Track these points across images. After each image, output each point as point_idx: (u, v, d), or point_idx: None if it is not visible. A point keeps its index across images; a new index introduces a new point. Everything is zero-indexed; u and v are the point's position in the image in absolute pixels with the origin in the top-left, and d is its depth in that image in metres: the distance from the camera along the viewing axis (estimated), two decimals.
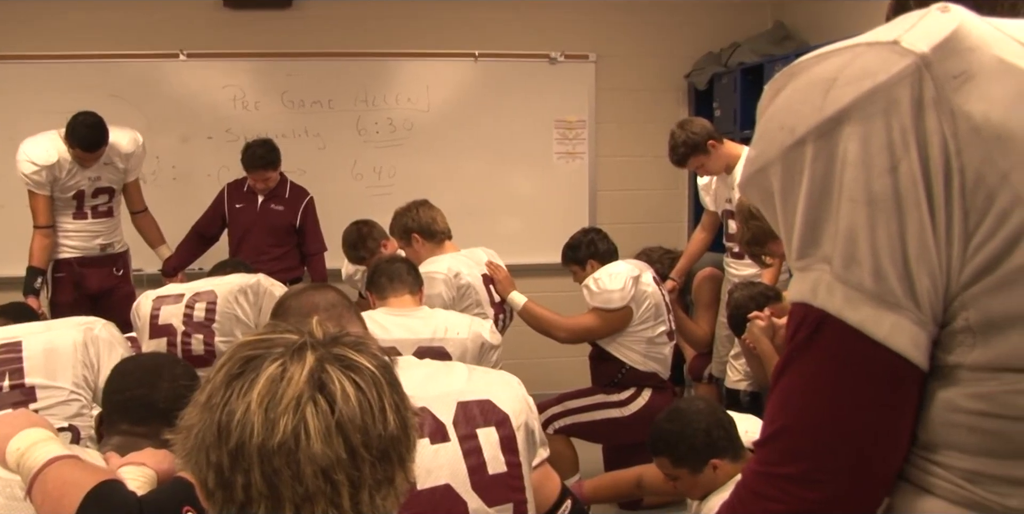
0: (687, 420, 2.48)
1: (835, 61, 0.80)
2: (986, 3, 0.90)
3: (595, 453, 3.99)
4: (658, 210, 5.97)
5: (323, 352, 1.00)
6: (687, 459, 2.47)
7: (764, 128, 0.85)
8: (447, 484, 1.69)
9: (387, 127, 5.60)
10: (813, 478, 0.81)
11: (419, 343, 2.92)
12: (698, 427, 2.45)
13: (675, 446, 2.48)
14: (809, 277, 0.81)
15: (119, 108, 5.10)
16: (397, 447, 1.00)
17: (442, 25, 5.65)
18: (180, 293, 3.44)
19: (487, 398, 1.81)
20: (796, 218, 0.81)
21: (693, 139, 4.07)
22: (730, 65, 5.55)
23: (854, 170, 0.77)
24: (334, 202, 5.17)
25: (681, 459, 2.48)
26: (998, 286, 0.74)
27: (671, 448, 2.49)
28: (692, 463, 2.46)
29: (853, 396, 0.79)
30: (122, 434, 1.86)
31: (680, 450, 2.47)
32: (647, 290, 3.69)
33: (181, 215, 4.99)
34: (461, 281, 3.64)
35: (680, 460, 2.48)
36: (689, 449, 2.45)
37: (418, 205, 3.92)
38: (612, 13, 5.83)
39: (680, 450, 2.47)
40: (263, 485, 0.93)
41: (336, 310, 1.85)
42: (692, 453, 2.45)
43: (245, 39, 5.44)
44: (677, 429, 2.48)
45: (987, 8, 0.89)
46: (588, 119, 5.83)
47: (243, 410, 0.94)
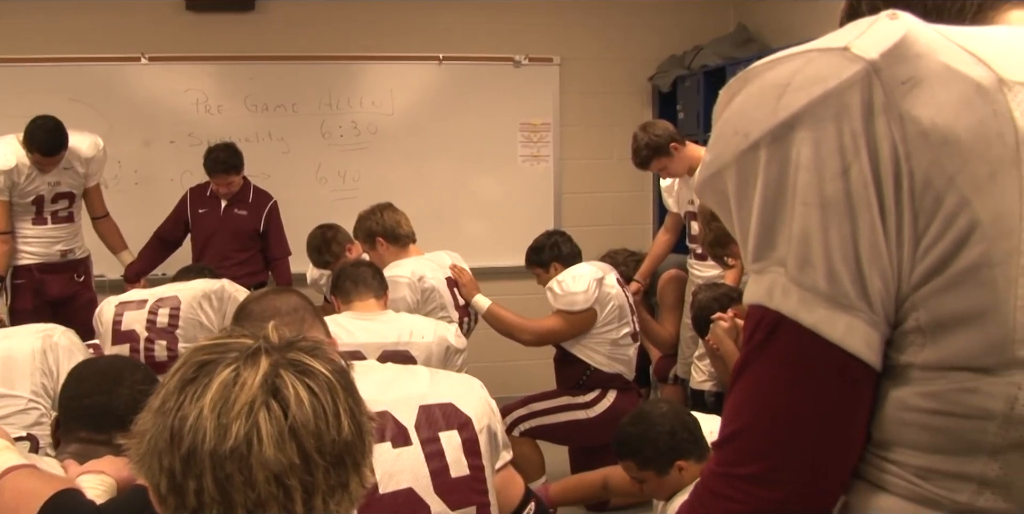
0: (651, 423, 2.49)
1: (788, 66, 0.81)
2: (934, 8, 0.92)
3: (561, 455, 4.00)
4: (623, 212, 6.00)
5: (278, 357, 0.99)
6: (652, 462, 2.48)
7: (719, 132, 0.86)
8: (409, 488, 1.69)
9: (351, 131, 5.59)
10: (770, 478, 0.82)
11: (384, 347, 2.92)
12: (662, 430, 2.46)
13: (640, 449, 2.49)
14: (765, 279, 0.82)
15: (80, 112, 5.05)
16: (352, 452, 1.00)
17: (406, 28, 5.64)
18: (143, 299, 3.42)
19: (449, 401, 1.81)
20: (751, 221, 0.82)
21: (656, 141, 4.09)
22: (693, 68, 5.58)
23: (807, 174, 0.78)
24: (298, 206, 5.15)
25: (647, 462, 2.49)
26: (946, 287, 0.76)
27: (636, 451, 2.51)
28: (658, 465, 2.48)
29: (808, 396, 0.81)
30: (80, 441, 1.83)
31: (645, 453, 2.48)
32: (611, 292, 3.71)
33: (143, 220, 4.94)
34: (425, 284, 3.64)
35: (646, 463, 2.50)
36: (654, 452, 2.47)
37: (382, 208, 3.92)
38: (576, 16, 5.85)
39: (645, 453, 2.48)
40: (215, 490, 0.93)
41: (298, 314, 1.85)
42: (657, 456, 2.47)
43: (208, 42, 5.41)
44: (641, 432, 2.50)
45: (935, 13, 0.91)
46: (553, 122, 5.85)
47: (195, 415, 0.94)
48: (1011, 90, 0.75)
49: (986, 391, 0.75)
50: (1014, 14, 0.91)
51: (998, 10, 0.91)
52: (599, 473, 3.15)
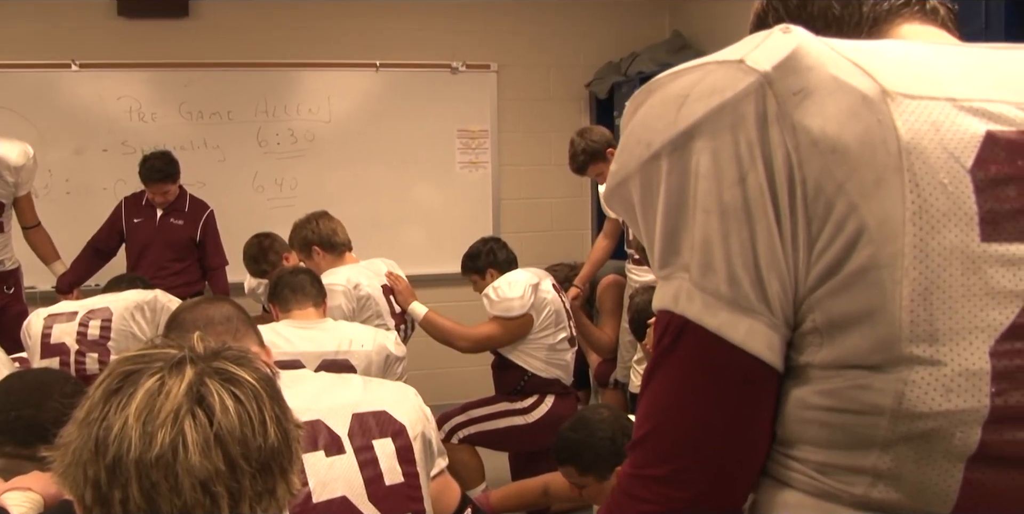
0: (592, 429, 2.50)
1: (688, 78, 0.84)
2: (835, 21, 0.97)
3: (501, 461, 4.00)
4: (562, 218, 6.04)
5: (203, 366, 1.00)
6: (593, 467, 2.49)
7: (624, 142, 0.89)
8: (343, 496, 1.69)
9: (288, 138, 5.55)
10: (680, 478, 0.85)
11: (324, 356, 2.90)
12: (603, 435, 2.47)
13: (581, 455, 2.50)
14: (671, 285, 0.84)
15: (9, 120, 4.97)
16: (278, 459, 1.01)
17: (343, 35, 5.62)
18: (73, 311, 3.36)
19: (383, 409, 1.81)
20: (656, 229, 0.85)
21: (592, 147, 4.13)
22: (629, 74, 5.63)
23: (706, 182, 0.81)
24: (235, 215, 5.10)
25: (587, 467, 2.50)
26: (839, 289, 0.79)
27: (577, 457, 2.51)
28: (598, 471, 2.49)
29: (713, 398, 0.83)
30: (6, 456, 1.80)
31: (586, 459, 2.49)
32: (546, 297, 3.73)
33: (76, 230, 4.86)
34: (361, 292, 3.63)
35: (586, 468, 2.51)
36: (595, 458, 2.48)
37: (317, 217, 3.90)
38: (513, 23, 5.88)
39: (586, 459, 2.49)
40: (141, 499, 0.93)
41: (232, 324, 1.84)
42: (598, 461, 2.48)
43: (140, 49, 5.33)
44: (582, 438, 2.51)
45: (835, 26, 0.95)
46: (491, 128, 5.87)
47: (121, 424, 0.94)
48: (894, 101, 0.79)
49: (877, 387, 0.78)
50: (905, 28, 0.96)
51: (892, 23, 0.96)
52: (539, 480, 3.16)
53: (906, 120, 0.78)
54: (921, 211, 0.77)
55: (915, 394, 0.77)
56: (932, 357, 0.77)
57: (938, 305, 0.77)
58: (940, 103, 0.80)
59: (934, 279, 0.77)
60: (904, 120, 0.78)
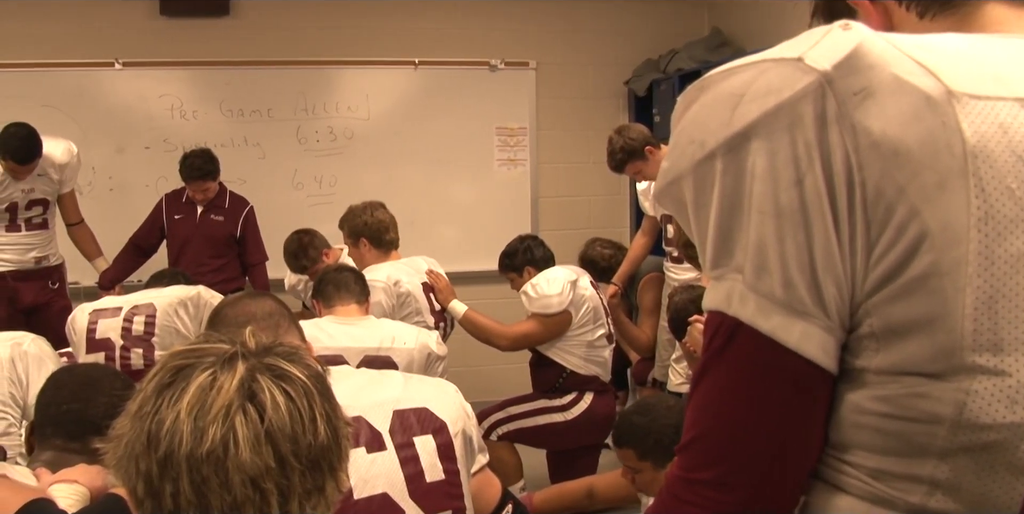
0: (657, 414, 2.48)
1: (742, 76, 0.82)
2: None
3: (539, 459, 4.00)
4: (600, 216, 6.02)
5: (254, 362, 1.00)
6: (652, 454, 2.47)
7: (676, 141, 0.87)
8: (384, 493, 1.69)
9: (327, 136, 5.58)
10: (727, 482, 0.83)
11: (365, 352, 2.91)
12: (668, 423, 2.45)
13: (642, 439, 2.48)
14: (723, 286, 0.83)
15: (54, 118, 5.02)
16: (328, 456, 1.01)
17: (382, 33, 5.64)
18: (118, 306, 3.39)
19: (424, 406, 1.81)
20: (709, 229, 0.84)
21: (631, 145, 4.10)
22: (668, 71, 5.61)
23: (762, 184, 0.79)
24: (275, 212, 5.14)
25: (646, 453, 2.48)
26: (898, 295, 0.77)
27: (638, 441, 2.49)
28: (656, 458, 2.47)
29: (765, 401, 0.82)
30: (55, 449, 1.83)
31: (646, 444, 2.47)
32: (584, 294, 3.72)
33: (118, 227, 4.92)
34: (401, 289, 3.63)
35: (645, 454, 2.48)
36: (655, 444, 2.45)
37: (374, 208, 3.88)
38: (552, 21, 5.87)
39: (646, 444, 2.47)
40: (191, 493, 0.94)
41: (273, 319, 1.84)
42: (658, 448, 2.45)
43: (182, 47, 5.38)
44: (646, 423, 2.48)
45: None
46: (529, 126, 5.87)
47: (172, 419, 0.95)
48: (959, 102, 0.76)
49: (936, 396, 0.77)
50: (990, 8, 0.90)
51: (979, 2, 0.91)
52: (583, 481, 3.14)
53: (972, 122, 0.76)
54: (987, 217, 0.75)
55: (977, 405, 0.75)
56: (996, 367, 0.75)
57: (1004, 314, 0.75)
58: (1009, 104, 0.77)
59: (999, 287, 0.75)
60: (970, 122, 0.76)
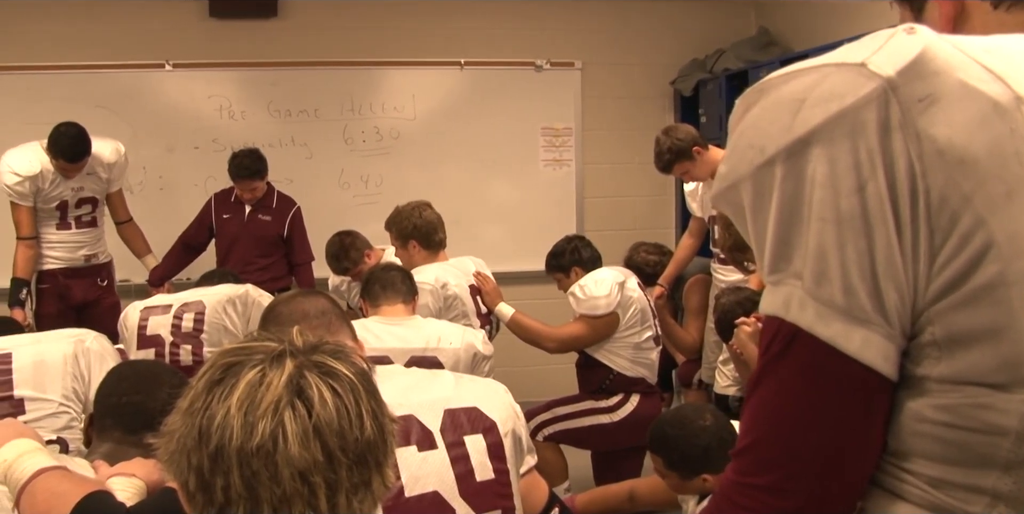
0: (690, 431, 2.46)
1: (804, 81, 0.81)
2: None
3: (584, 460, 3.99)
4: (646, 217, 5.99)
5: (302, 359, 1.01)
6: (679, 467, 2.47)
7: (734, 145, 0.87)
8: (435, 491, 1.69)
9: (374, 136, 5.61)
10: (784, 488, 0.83)
11: (412, 353, 2.91)
12: (698, 443, 2.43)
13: (671, 452, 2.48)
14: (781, 291, 0.83)
15: (105, 119, 5.10)
16: (374, 452, 1.02)
17: (428, 33, 5.67)
18: (168, 304, 3.44)
19: (474, 405, 1.81)
20: (767, 234, 0.83)
21: (678, 145, 4.08)
22: (715, 71, 5.58)
23: (822, 190, 0.78)
24: (321, 211, 5.18)
25: (673, 465, 2.48)
26: (961, 304, 0.76)
27: (667, 452, 2.49)
28: (683, 472, 2.47)
29: (823, 408, 0.81)
30: (113, 441, 1.85)
31: (674, 458, 2.47)
32: (632, 295, 3.69)
33: (167, 225, 4.98)
34: (448, 292, 3.62)
35: (672, 466, 2.49)
36: (683, 459, 2.45)
37: (421, 208, 3.86)
38: (597, 20, 5.86)
39: (674, 458, 2.47)
40: (242, 487, 0.95)
41: (325, 318, 1.85)
42: (686, 464, 2.45)
43: (231, 48, 5.45)
44: (676, 437, 2.47)
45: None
46: (575, 126, 5.86)
47: (223, 414, 0.96)
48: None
49: (1000, 408, 0.75)
50: None
51: None
52: (625, 485, 3.13)
53: None
54: None
55: None
56: None
57: None
58: None
59: None
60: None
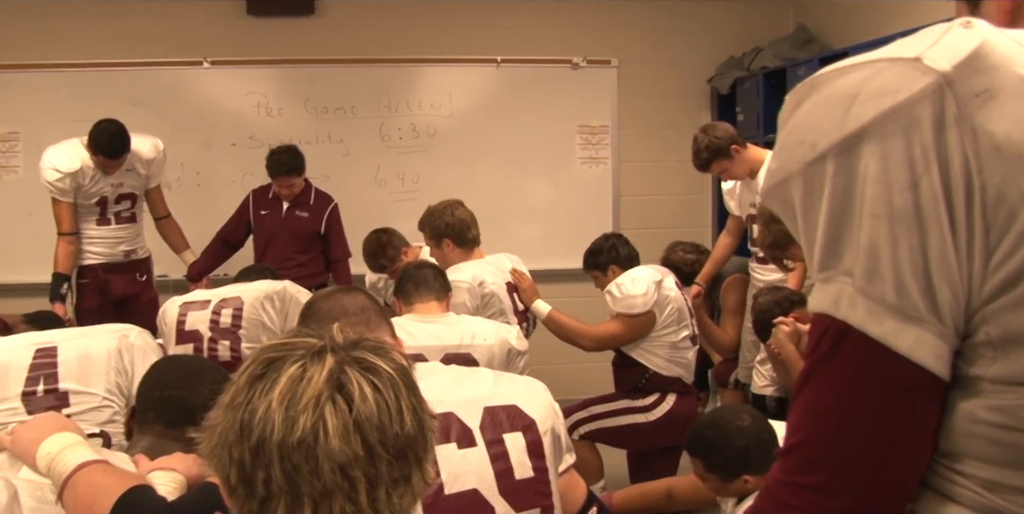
0: (728, 433, 2.44)
1: (856, 76, 0.80)
2: None
3: (619, 459, 3.98)
4: (682, 215, 5.97)
5: (343, 355, 1.02)
6: (719, 469, 2.45)
7: (785, 141, 0.86)
8: (474, 489, 1.68)
9: (410, 133, 5.63)
10: (832, 487, 0.82)
11: (446, 350, 2.91)
12: (737, 444, 2.41)
13: (709, 454, 2.46)
14: (831, 289, 0.82)
15: (143, 116, 5.15)
16: (414, 447, 1.02)
17: (465, 31, 5.68)
18: (206, 299, 3.46)
19: (513, 403, 1.80)
20: (817, 231, 0.82)
21: (716, 143, 4.05)
22: (752, 69, 5.54)
23: (875, 186, 0.77)
24: (358, 208, 5.20)
25: (713, 467, 2.46)
26: (1018, 303, 0.75)
27: (706, 455, 2.47)
28: (723, 474, 2.45)
29: (874, 407, 0.80)
30: (154, 435, 1.87)
31: (714, 459, 2.45)
32: (669, 295, 3.67)
33: (205, 221, 5.03)
34: (485, 289, 3.62)
35: (712, 468, 2.47)
36: (723, 462, 2.43)
37: (453, 207, 3.87)
38: (634, 18, 5.84)
39: (714, 459, 2.45)
40: (283, 480, 0.96)
41: (365, 314, 1.84)
42: (725, 466, 2.43)
43: (268, 46, 5.49)
44: (715, 439, 2.45)
45: None
46: (611, 124, 5.84)
47: (264, 408, 0.97)
48: None
49: None
50: None
51: None
52: (663, 483, 3.11)
53: None
54: None
55: None
56: None
57: None
58: None
59: None
60: None
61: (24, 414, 2.44)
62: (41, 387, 2.45)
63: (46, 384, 2.46)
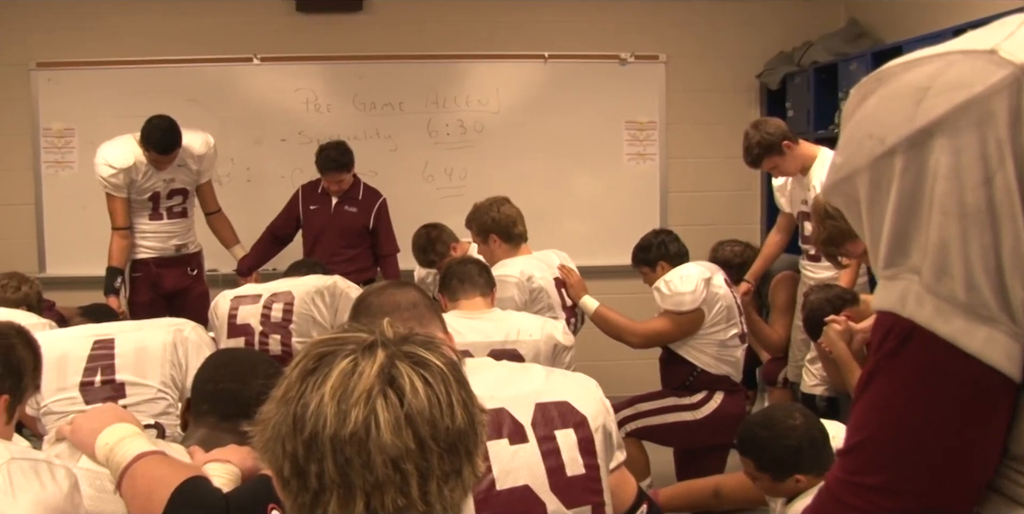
0: (780, 432, 2.42)
1: (927, 69, 0.78)
2: None
3: (666, 456, 3.96)
4: (730, 212, 5.92)
5: (393, 349, 1.02)
6: (771, 468, 2.44)
7: (851, 135, 0.84)
8: (526, 485, 1.68)
9: (458, 129, 5.64)
10: (897, 489, 0.81)
11: (492, 346, 2.91)
12: (789, 443, 2.40)
13: (761, 453, 2.44)
14: (897, 286, 0.80)
15: (195, 112, 5.21)
16: (465, 441, 1.02)
17: (512, 27, 5.68)
18: (258, 293, 3.50)
19: (565, 400, 1.79)
20: (884, 227, 0.81)
21: (768, 139, 4.01)
22: (803, 64, 5.48)
23: (946, 183, 0.76)
24: (406, 204, 5.22)
25: (765, 467, 2.45)
26: None
27: (758, 454, 2.46)
28: (775, 473, 2.43)
29: (940, 408, 0.79)
30: (208, 427, 1.89)
31: (765, 459, 2.43)
32: (718, 292, 3.65)
33: (255, 216, 5.08)
34: (533, 285, 3.62)
35: (764, 467, 2.45)
36: (775, 461, 2.41)
37: (499, 203, 3.89)
38: (682, 13, 5.80)
39: (765, 459, 2.43)
40: (335, 473, 0.96)
41: (417, 310, 1.84)
42: (777, 465, 2.41)
43: (317, 42, 5.54)
44: (767, 438, 2.43)
45: None
46: (659, 120, 5.81)
47: (317, 402, 0.97)
48: None
49: None
50: None
51: None
52: (710, 481, 3.09)
53: None
54: None
55: None
56: None
57: None
58: None
59: None
60: None
61: (82, 403, 2.50)
62: (98, 378, 2.51)
63: (103, 375, 2.51)
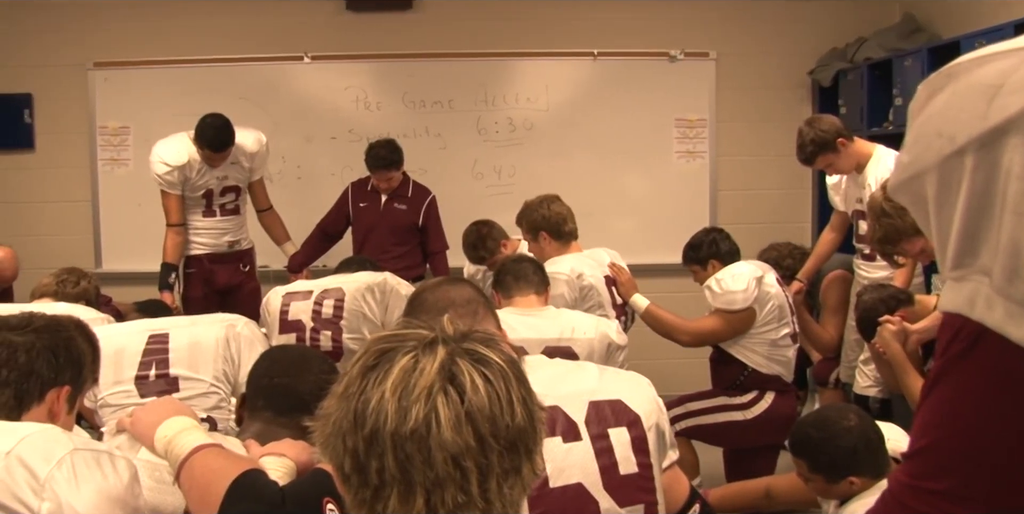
0: (834, 433, 2.40)
1: (999, 65, 0.76)
2: None
3: (715, 456, 3.93)
4: (781, 210, 5.86)
5: (454, 346, 1.03)
6: (825, 470, 2.41)
7: (919, 133, 0.82)
8: (579, 483, 1.68)
9: (507, 127, 5.65)
10: (963, 495, 0.79)
11: (546, 343, 2.91)
12: (844, 445, 2.37)
13: (816, 455, 2.42)
14: (965, 288, 0.78)
15: (246, 110, 5.28)
16: (524, 439, 1.02)
17: (561, 24, 5.67)
18: (309, 290, 3.53)
19: (618, 398, 1.79)
20: (952, 227, 0.79)
21: (822, 137, 3.96)
22: (856, 61, 5.41)
23: (1020, 182, 0.74)
24: (455, 201, 5.23)
25: (818, 468, 2.42)
26: None
27: (811, 455, 2.43)
28: (829, 475, 2.41)
29: (1010, 412, 0.77)
30: (264, 421, 1.91)
31: (820, 461, 2.41)
32: (770, 291, 3.61)
33: (305, 213, 5.12)
34: (584, 282, 3.62)
35: (817, 469, 2.43)
36: (829, 463, 2.39)
37: (549, 201, 3.89)
38: (733, 10, 5.76)
39: (820, 461, 2.41)
40: (396, 469, 0.96)
41: (472, 306, 1.85)
42: (832, 467, 2.39)
43: (367, 41, 5.58)
44: (821, 439, 2.41)
45: None
46: (709, 118, 5.77)
47: (378, 398, 0.98)
48: None
49: None
50: None
51: None
52: (761, 482, 3.06)
53: None
54: None
55: None
56: None
57: None
58: None
59: None
60: None
61: (137, 397, 2.55)
62: (153, 372, 2.55)
63: (158, 369, 2.55)
